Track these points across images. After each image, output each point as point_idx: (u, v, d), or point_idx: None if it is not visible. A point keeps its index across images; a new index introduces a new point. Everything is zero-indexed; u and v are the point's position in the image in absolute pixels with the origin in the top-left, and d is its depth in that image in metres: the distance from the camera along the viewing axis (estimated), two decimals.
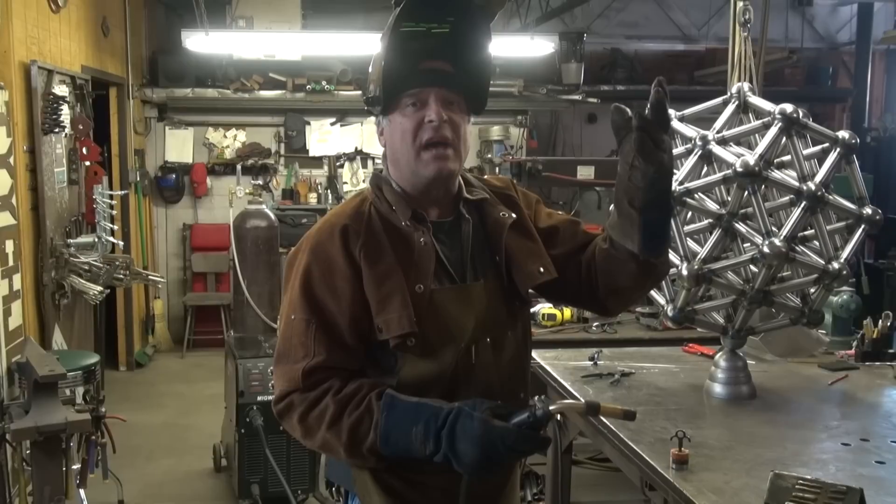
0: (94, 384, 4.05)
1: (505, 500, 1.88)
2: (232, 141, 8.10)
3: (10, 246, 4.30)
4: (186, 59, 7.28)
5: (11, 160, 4.39)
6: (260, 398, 4.17)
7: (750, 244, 2.41)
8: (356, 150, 8.18)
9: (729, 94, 2.65)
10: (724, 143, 2.49)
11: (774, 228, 2.40)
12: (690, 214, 2.54)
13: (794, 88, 8.76)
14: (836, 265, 2.39)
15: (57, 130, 5.19)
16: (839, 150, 2.45)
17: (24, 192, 4.72)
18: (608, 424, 2.35)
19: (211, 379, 6.39)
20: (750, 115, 2.60)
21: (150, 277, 5.89)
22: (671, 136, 2.59)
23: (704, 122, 2.62)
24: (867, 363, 3.05)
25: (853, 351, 3.16)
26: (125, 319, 7.08)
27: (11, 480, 3.71)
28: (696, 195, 2.44)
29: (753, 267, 2.45)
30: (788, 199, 2.42)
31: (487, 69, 1.81)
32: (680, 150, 2.55)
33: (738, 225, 2.42)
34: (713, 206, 2.45)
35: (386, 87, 1.72)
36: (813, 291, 2.48)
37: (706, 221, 2.49)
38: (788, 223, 2.38)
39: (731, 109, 2.61)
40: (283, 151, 8.19)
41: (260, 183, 7.87)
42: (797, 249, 2.40)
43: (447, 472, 1.59)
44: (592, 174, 4.84)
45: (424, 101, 1.71)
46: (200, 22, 5.79)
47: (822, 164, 2.46)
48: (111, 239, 5.53)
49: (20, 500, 3.81)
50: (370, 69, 1.77)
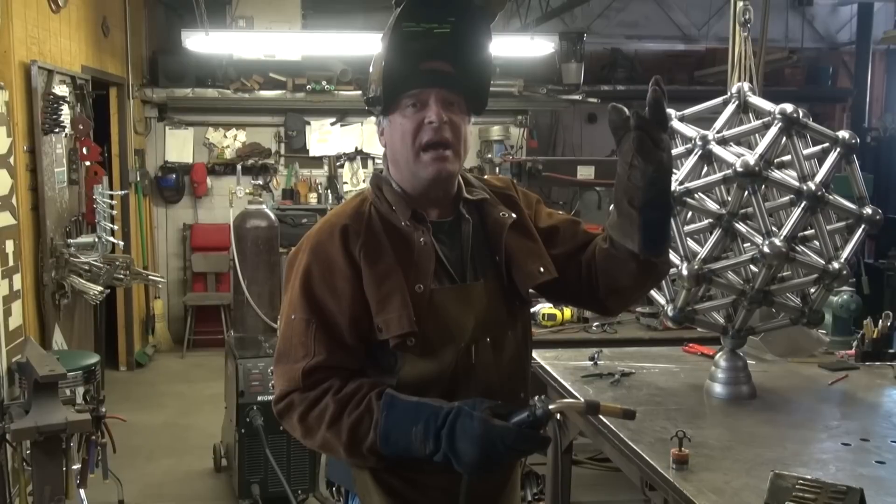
0: (94, 384, 4.05)
1: (505, 499, 1.87)
2: (232, 141, 8.10)
3: (10, 246, 4.30)
4: (186, 59, 7.28)
5: (11, 160, 4.39)
6: (260, 398, 4.17)
7: (750, 244, 2.41)
8: (356, 150, 8.18)
9: (729, 93, 2.65)
10: (724, 142, 2.49)
11: (774, 228, 2.40)
12: (690, 214, 2.54)
13: (794, 88, 8.76)
14: (836, 265, 2.39)
15: (57, 130, 5.19)
16: (839, 149, 2.45)
17: (24, 192, 4.72)
18: (608, 424, 2.35)
19: (211, 379, 6.39)
20: (750, 114, 2.60)
21: (150, 277, 5.89)
22: (671, 135, 2.59)
23: (704, 121, 2.62)
24: (867, 363, 3.05)
25: (853, 351, 3.16)
26: (125, 319, 7.08)
27: (11, 480, 3.71)
28: (696, 195, 2.44)
29: (753, 267, 2.45)
30: (788, 198, 2.42)
31: (488, 70, 1.80)
32: (680, 149, 2.55)
33: (738, 225, 2.42)
34: (713, 205, 2.45)
35: (386, 87, 1.72)
36: (813, 291, 2.48)
37: (706, 221, 2.49)
38: (788, 223, 2.39)
39: (731, 109, 2.61)
40: (283, 151, 8.19)
41: (260, 183, 7.87)
42: (797, 249, 2.40)
43: (447, 471, 1.59)
44: (592, 174, 4.84)
45: (425, 102, 1.71)
46: (200, 22, 5.79)
47: (822, 163, 2.46)
48: (111, 239, 5.53)
49: (20, 500, 3.81)
50: (370, 69, 1.77)
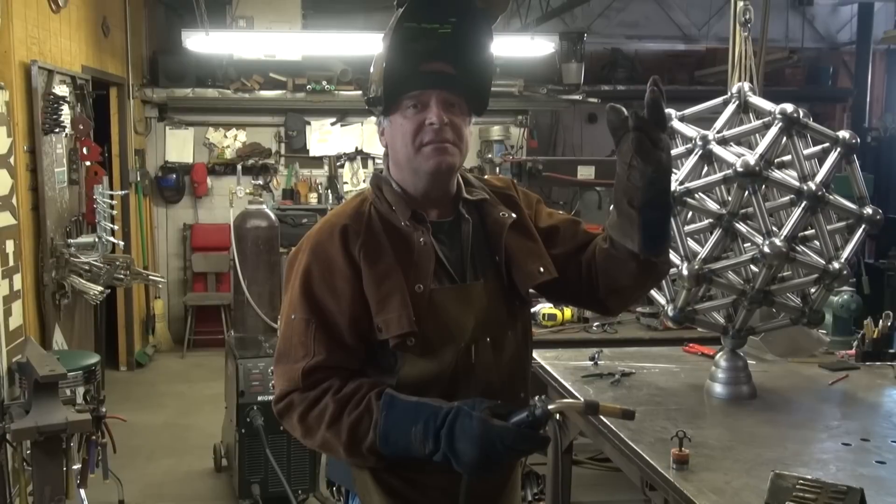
0: (94, 384, 4.05)
1: (505, 499, 1.87)
2: (232, 141, 8.10)
3: (10, 246, 4.30)
4: (187, 59, 7.28)
5: (12, 160, 4.39)
6: (260, 398, 4.17)
7: (750, 244, 2.41)
8: (356, 150, 8.17)
9: (729, 93, 2.64)
10: (724, 142, 2.49)
11: (775, 228, 2.40)
12: (691, 214, 2.54)
13: (794, 88, 8.77)
14: (836, 265, 2.39)
15: (57, 130, 5.19)
16: (839, 149, 2.45)
17: (24, 192, 4.72)
18: (608, 424, 2.35)
19: (211, 379, 6.39)
20: (750, 114, 2.59)
21: (150, 277, 5.89)
22: (671, 135, 2.59)
23: (705, 121, 2.61)
24: (867, 363, 3.05)
25: (853, 351, 3.16)
26: (125, 319, 7.08)
27: (12, 480, 3.71)
28: (696, 195, 2.44)
29: (754, 267, 2.45)
30: (789, 198, 2.42)
31: (489, 70, 1.80)
32: (680, 149, 2.55)
33: (738, 225, 2.42)
34: (713, 205, 2.45)
35: (387, 88, 1.72)
36: (813, 291, 2.48)
37: (706, 221, 2.49)
38: (789, 223, 2.38)
39: (731, 109, 2.61)
40: (283, 151, 8.19)
41: (260, 183, 7.87)
42: (797, 249, 2.40)
43: (447, 471, 1.59)
44: (593, 174, 4.84)
45: (426, 103, 1.71)
46: (201, 22, 5.79)
47: (822, 163, 2.46)
48: (111, 239, 5.53)
49: (20, 500, 3.81)
50: (371, 69, 1.77)
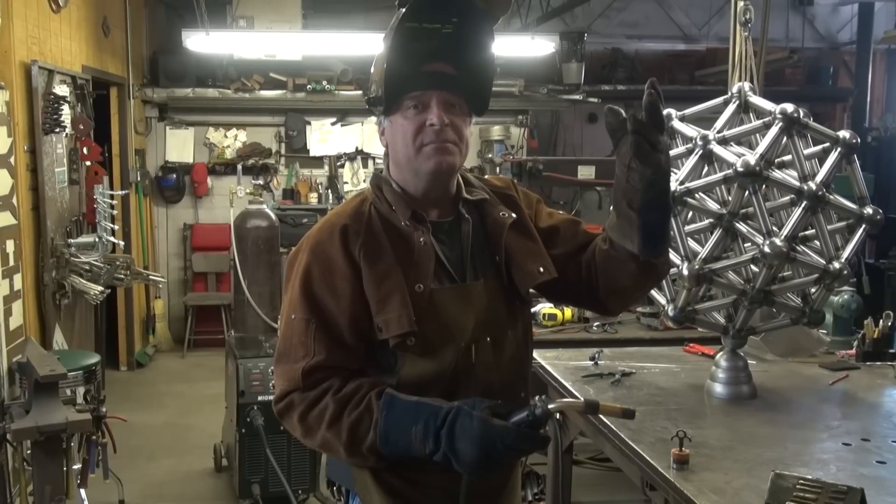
0: (94, 384, 4.06)
1: (505, 499, 1.88)
2: (232, 141, 8.10)
3: (10, 246, 4.30)
4: (187, 58, 7.28)
5: (12, 160, 4.39)
6: (261, 398, 4.17)
7: (751, 244, 2.41)
8: (357, 149, 8.17)
9: (729, 93, 2.64)
10: (724, 142, 2.48)
11: (775, 228, 2.40)
12: (691, 214, 2.54)
13: (794, 88, 8.76)
14: (836, 265, 2.39)
15: (58, 130, 5.19)
16: (840, 149, 2.45)
17: (24, 191, 4.72)
18: (609, 424, 2.35)
19: (211, 379, 6.39)
20: (751, 114, 2.59)
21: (150, 277, 5.89)
22: (671, 135, 2.59)
23: (705, 121, 2.61)
24: (868, 363, 3.05)
25: (854, 351, 3.16)
26: (126, 319, 7.08)
27: (12, 480, 3.71)
28: (696, 195, 2.44)
29: (754, 267, 2.44)
30: (789, 198, 2.42)
31: (490, 71, 1.80)
32: (681, 149, 2.55)
33: (738, 225, 2.42)
34: (714, 205, 2.45)
35: (388, 88, 1.72)
36: (814, 291, 2.48)
37: (707, 221, 2.48)
38: (789, 223, 2.38)
39: (731, 109, 2.60)
40: (283, 151, 8.20)
41: (260, 183, 7.86)
42: (798, 249, 2.40)
43: (447, 471, 1.59)
44: (593, 174, 4.84)
45: (426, 103, 1.71)
46: (201, 22, 5.79)
47: (822, 163, 2.46)
48: (112, 239, 5.52)
49: (21, 499, 3.81)
50: (372, 69, 1.77)
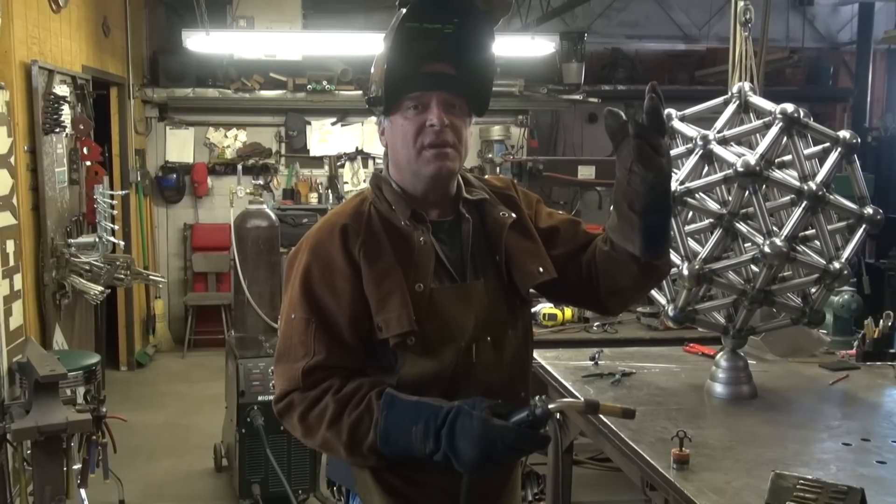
0: (94, 384, 4.06)
1: (506, 499, 1.88)
2: (233, 141, 8.10)
3: (10, 246, 4.30)
4: (187, 58, 7.28)
5: (12, 160, 4.39)
6: (261, 398, 4.17)
7: (751, 244, 2.41)
8: (357, 149, 8.17)
9: (730, 93, 2.64)
10: (724, 142, 2.49)
11: (775, 228, 2.40)
12: (691, 214, 2.54)
13: (794, 88, 8.76)
14: (837, 265, 2.39)
15: (58, 130, 5.19)
16: (840, 149, 2.45)
17: (24, 191, 4.72)
18: (609, 424, 2.35)
19: (212, 379, 6.39)
20: (751, 114, 2.59)
21: (150, 277, 5.89)
22: (671, 135, 2.59)
23: (705, 121, 2.61)
24: (868, 363, 3.05)
25: (854, 351, 3.16)
26: (126, 319, 7.08)
27: (12, 480, 3.71)
28: (696, 195, 2.44)
29: (754, 267, 2.44)
30: (789, 198, 2.42)
31: (490, 72, 1.80)
32: (681, 149, 2.55)
33: (738, 225, 2.42)
34: (714, 205, 2.45)
35: (388, 88, 1.72)
36: (814, 291, 2.48)
37: (707, 221, 2.48)
38: (789, 223, 2.38)
39: (731, 109, 2.60)
40: (283, 151, 8.20)
41: (261, 183, 7.86)
42: (798, 249, 2.40)
43: (448, 471, 1.58)
44: (593, 174, 4.84)
45: (426, 104, 1.71)
46: (201, 22, 5.79)
47: (822, 163, 2.46)
48: (112, 239, 5.52)
49: (21, 499, 3.81)
50: (372, 69, 1.77)
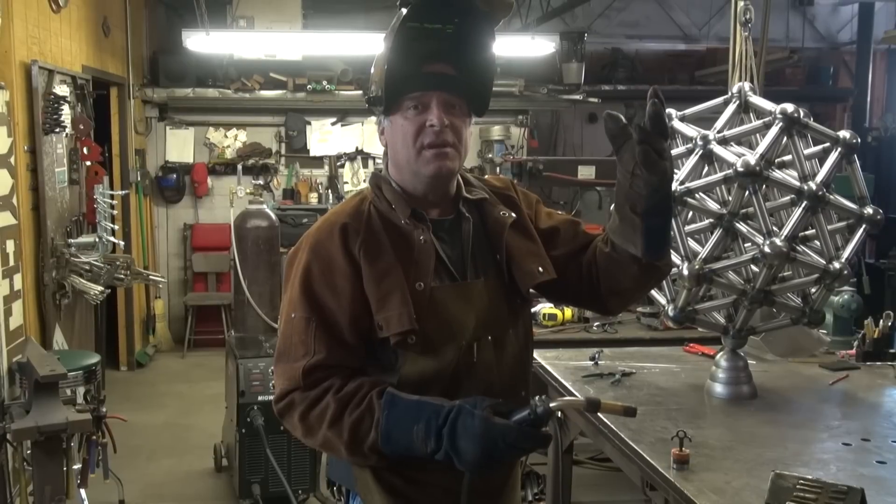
0: (94, 384, 4.06)
1: (506, 498, 1.88)
2: (233, 141, 8.10)
3: (10, 246, 4.30)
4: (187, 58, 7.28)
5: (12, 160, 4.39)
6: (261, 398, 4.17)
7: (751, 244, 2.41)
8: (357, 149, 8.18)
9: (730, 93, 2.64)
10: (724, 142, 2.49)
11: (775, 228, 2.40)
12: (691, 214, 2.54)
13: (794, 88, 8.76)
14: (837, 265, 2.39)
15: (58, 130, 5.19)
16: (840, 149, 2.45)
17: (24, 191, 4.72)
18: (609, 424, 2.35)
19: (212, 379, 6.39)
20: (751, 114, 2.59)
21: (150, 277, 5.88)
22: (671, 135, 2.59)
23: (705, 121, 2.62)
24: (868, 363, 3.05)
25: (854, 351, 3.16)
26: (126, 319, 7.08)
27: (12, 480, 3.71)
28: (696, 195, 2.44)
29: (754, 267, 2.45)
30: (789, 198, 2.42)
31: (490, 72, 1.80)
32: (681, 149, 2.55)
33: (738, 225, 2.42)
34: (714, 205, 2.45)
35: (388, 88, 1.72)
36: (814, 291, 2.48)
37: (707, 221, 2.49)
38: (789, 223, 2.38)
39: (731, 109, 2.61)
40: (283, 151, 8.20)
41: (261, 183, 7.85)
42: (798, 249, 2.40)
43: (448, 470, 1.58)
44: (593, 174, 4.84)
45: (427, 104, 1.71)
46: (201, 22, 5.79)
47: (822, 163, 2.46)
48: (112, 239, 5.52)
49: (21, 499, 3.81)
50: (372, 69, 1.77)
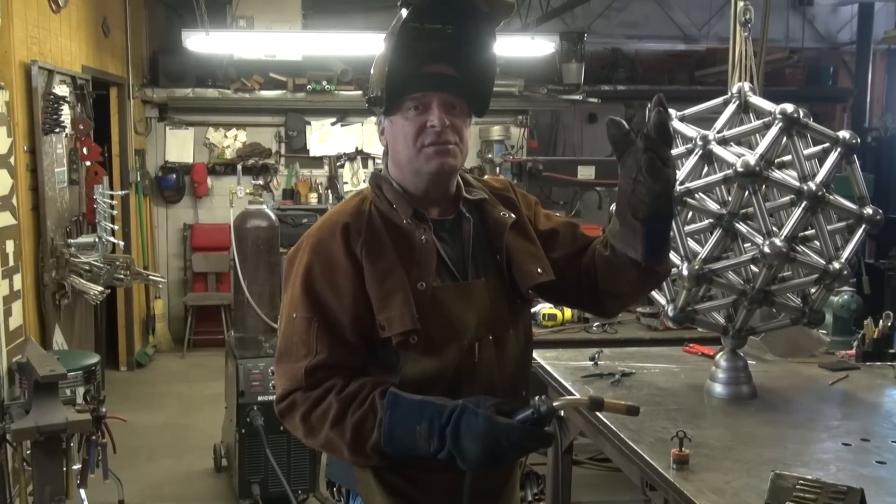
0: (94, 384, 4.05)
1: (506, 498, 1.88)
2: (232, 141, 8.10)
3: (10, 246, 4.30)
4: (187, 59, 7.28)
5: (12, 160, 4.39)
6: (260, 398, 4.17)
7: (750, 244, 2.41)
8: (357, 150, 8.18)
9: (729, 93, 2.65)
10: (724, 142, 2.49)
11: (775, 228, 2.40)
12: (691, 214, 2.54)
13: (794, 88, 8.76)
14: (836, 265, 2.39)
15: (57, 130, 5.19)
16: (840, 149, 2.45)
17: (24, 192, 4.72)
18: (609, 424, 2.35)
19: (211, 379, 6.39)
20: (750, 114, 2.60)
21: (150, 277, 5.88)
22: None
23: (705, 121, 2.62)
24: (868, 363, 3.05)
25: (854, 351, 3.16)
26: (126, 319, 7.08)
27: (12, 480, 3.71)
28: (696, 195, 2.44)
29: (754, 267, 2.45)
30: (789, 198, 2.42)
31: (491, 72, 1.81)
32: (680, 149, 2.55)
33: (738, 225, 2.42)
34: (714, 206, 2.45)
35: (389, 88, 1.72)
36: (813, 291, 2.48)
37: (707, 221, 2.49)
38: (789, 223, 2.38)
39: (731, 109, 2.61)
40: (283, 151, 8.20)
41: (260, 183, 7.86)
42: (798, 249, 2.40)
43: (450, 470, 1.59)
44: (593, 174, 4.85)
45: (427, 105, 1.71)
46: (201, 22, 5.79)
47: (822, 163, 2.46)
48: (112, 239, 5.52)
49: (21, 500, 3.81)
50: (373, 69, 1.77)
